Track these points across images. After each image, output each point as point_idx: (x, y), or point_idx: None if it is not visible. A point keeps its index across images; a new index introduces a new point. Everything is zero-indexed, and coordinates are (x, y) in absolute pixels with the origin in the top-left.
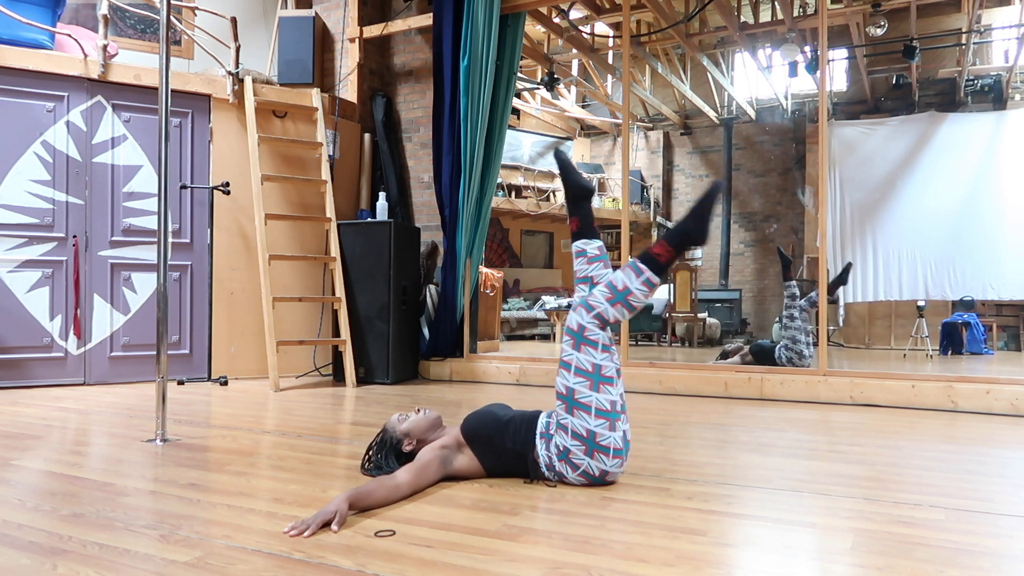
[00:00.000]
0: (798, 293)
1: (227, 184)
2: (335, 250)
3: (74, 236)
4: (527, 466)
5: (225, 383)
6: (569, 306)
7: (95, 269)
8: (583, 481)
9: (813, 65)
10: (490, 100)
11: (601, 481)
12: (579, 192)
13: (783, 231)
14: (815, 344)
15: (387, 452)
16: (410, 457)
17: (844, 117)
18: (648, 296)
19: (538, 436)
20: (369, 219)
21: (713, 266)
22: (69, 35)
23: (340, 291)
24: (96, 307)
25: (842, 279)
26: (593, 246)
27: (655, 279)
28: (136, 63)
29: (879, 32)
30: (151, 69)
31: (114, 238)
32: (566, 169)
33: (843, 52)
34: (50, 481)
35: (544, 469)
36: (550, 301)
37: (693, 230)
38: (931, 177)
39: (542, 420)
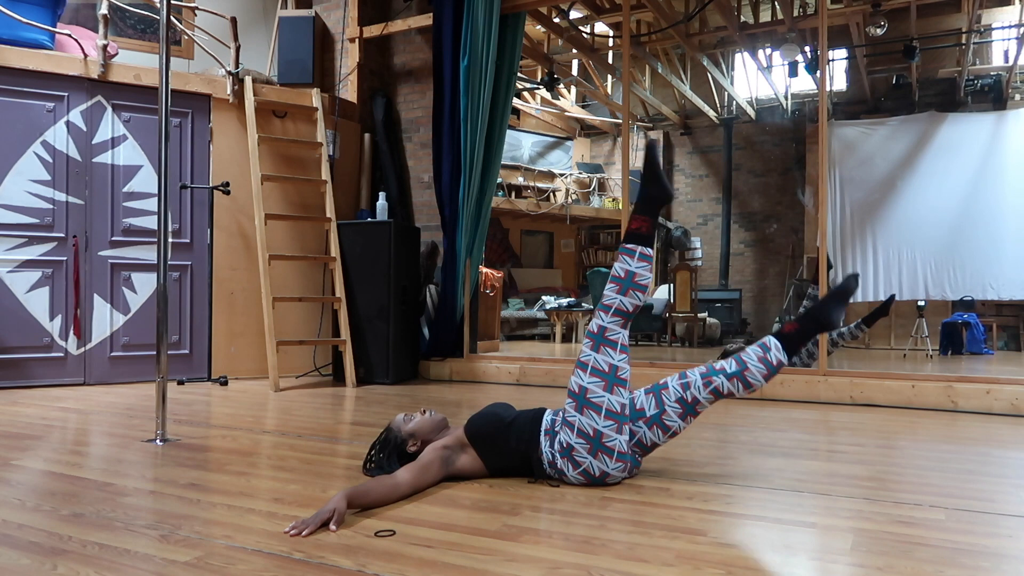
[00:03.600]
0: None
1: (227, 184)
2: (335, 250)
3: (74, 236)
4: (531, 465)
5: (225, 383)
6: (569, 306)
7: (95, 269)
8: (582, 480)
9: (813, 65)
10: (490, 100)
11: (600, 482)
12: (662, 193)
13: (783, 231)
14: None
15: (390, 452)
16: (413, 458)
17: (844, 117)
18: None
19: (543, 434)
20: (369, 219)
21: (713, 266)
22: (69, 35)
23: (340, 291)
24: (96, 307)
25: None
26: (647, 266)
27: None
28: (136, 63)
29: (879, 32)
30: (151, 69)
31: (114, 238)
32: (653, 165)
33: (843, 52)
34: (50, 481)
35: (547, 467)
36: (550, 301)
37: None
38: (931, 177)
39: (547, 418)
